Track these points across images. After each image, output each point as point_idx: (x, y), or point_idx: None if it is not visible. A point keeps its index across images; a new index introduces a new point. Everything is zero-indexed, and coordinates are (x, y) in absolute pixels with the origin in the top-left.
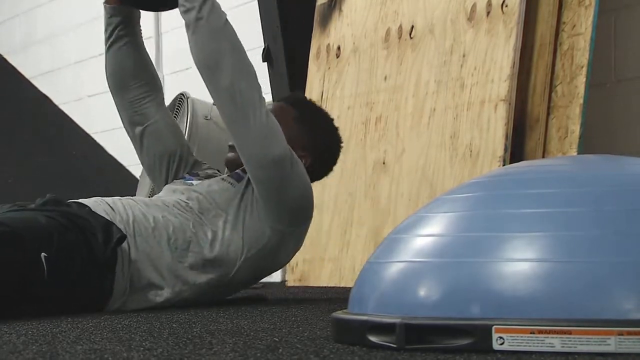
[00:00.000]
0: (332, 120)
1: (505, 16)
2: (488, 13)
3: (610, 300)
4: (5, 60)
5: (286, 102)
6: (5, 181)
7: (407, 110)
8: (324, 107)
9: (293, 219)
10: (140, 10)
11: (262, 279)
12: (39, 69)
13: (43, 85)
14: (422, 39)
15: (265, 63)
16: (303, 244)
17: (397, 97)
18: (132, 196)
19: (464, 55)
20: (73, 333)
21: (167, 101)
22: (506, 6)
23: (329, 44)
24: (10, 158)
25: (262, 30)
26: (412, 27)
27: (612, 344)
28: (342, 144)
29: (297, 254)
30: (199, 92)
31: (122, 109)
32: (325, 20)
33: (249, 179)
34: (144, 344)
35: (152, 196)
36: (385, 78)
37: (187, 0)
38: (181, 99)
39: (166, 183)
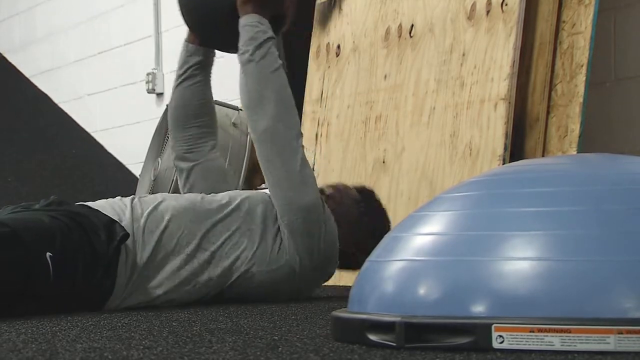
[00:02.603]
0: (389, 223)
1: (505, 15)
2: (488, 12)
3: (610, 299)
4: (4, 58)
5: (356, 187)
6: (5, 180)
7: (407, 109)
8: (323, 105)
9: (312, 267)
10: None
11: (255, 299)
12: (39, 68)
13: (42, 84)
14: (422, 37)
15: None
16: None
17: (397, 96)
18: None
19: (463, 54)
20: (73, 331)
21: (168, 100)
22: (506, 5)
23: (328, 42)
24: (10, 157)
25: None
26: (412, 26)
27: (611, 342)
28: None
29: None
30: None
31: (176, 143)
32: (325, 19)
33: None
34: (143, 342)
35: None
36: (385, 77)
37: (243, 44)
38: None
39: None
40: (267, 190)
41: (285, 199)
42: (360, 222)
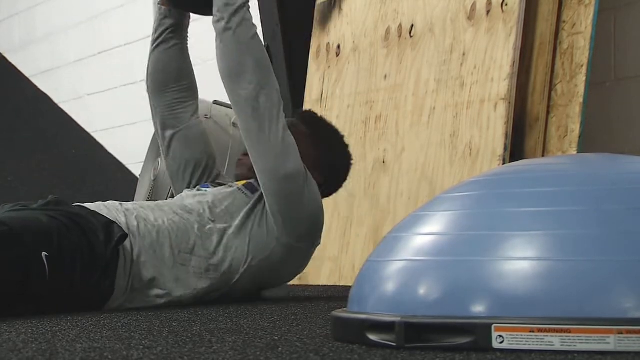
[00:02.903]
0: (343, 137)
1: (505, 15)
2: (488, 12)
3: (610, 299)
4: (4, 58)
5: (298, 119)
6: (5, 179)
7: (407, 109)
8: (323, 105)
9: (300, 235)
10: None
11: (262, 291)
12: (39, 68)
13: (42, 84)
14: (422, 37)
15: None
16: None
17: (397, 96)
18: (134, 198)
19: (463, 54)
20: (73, 331)
21: None
22: (506, 5)
23: (328, 42)
24: (10, 156)
25: (262, 29)
26: (412, 26)
27: (611, 342)
28: (352, 162)
29: None
30: (199, 90)
31: (157, 110)
32: (325, 19)
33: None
34: (143, 342)
35: (151, 196)
36: (385, 77)
37: (218, 10)
38: None
39: (188, 189)
40: (225, 177)
41: (268, 168)
42: (319, 153)
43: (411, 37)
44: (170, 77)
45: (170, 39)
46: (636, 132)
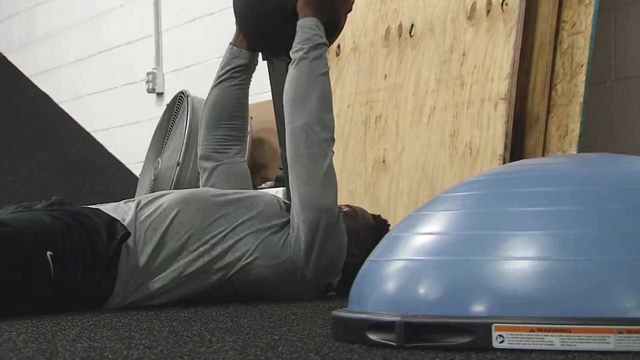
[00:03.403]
0: None
1: (505, 15)
2: (488, 12)
3: (610, 298)
4: (4, 58)
5: (373, 215)
6: (5, 179)
7: (407, 108)
8: None
9: (315, 269)
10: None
11: (256, 295)
12: (39, 67)
13: (43, 84)
14: (422, 37)
15: (265, 62)
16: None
17: (397, 96)
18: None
19: (464, 54)
20: (73, 331)
21: (168, 99)
22: (506, 5)
23: None
24: (10, 156)
25: None
26: (412, 25)
27: (611, 342)
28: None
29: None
30: (199, 90)
31: (204, 142)
32: None
33: None
34: (143, 342)
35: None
36: (385, 76)
37: (299, 42)
38: (181, 97)
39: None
40: (273, 191)
41: (306, 196)
42: (367, 242)
43: (411, 36)
44: (225, 114)
45: (236, 78)
46: (636, 132)
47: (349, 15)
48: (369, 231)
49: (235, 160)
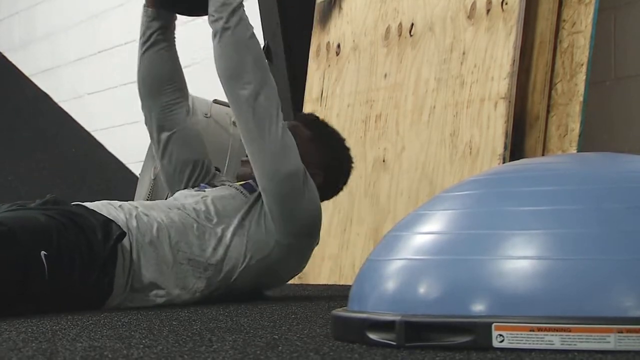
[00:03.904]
0: (343, 140)
1: (505, 14)
2: (488, 11)
3: (610, 297)
4: (4, 57)
5: (300, 122)
6: (5, 179)
7: (407, 108)
8: (323, 104)
9: (299, 235)
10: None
11: (261, 291)
12: (39, 67)
13: (43, 83)
14: (422, 36)
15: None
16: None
17: (397, 95)
18: (134, 197)
19: (463, 53)
20: (73, 330)
21: None
22: (506, 4)
23: (328, 41)
24: (10, 156)
25: (262, 28)
26: (412, 25)
27: (611, 341)
28: (353, 164)
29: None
30: (199, 90)
31: (151, 113)
32: (325, 18)
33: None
34: (143, 341)
35: (150, 195)
36: (385, 76)
37: (216, 10)
38: None
39: (186, 189)
40: (223, 179)
41: (267, 168)
42: (315, 154)
43: (411, 36)
44: (163, 80)
45: (160, 41)
46: (636, 131)
47: (350, 14)
48: (312, 145)
49: (188, 124)
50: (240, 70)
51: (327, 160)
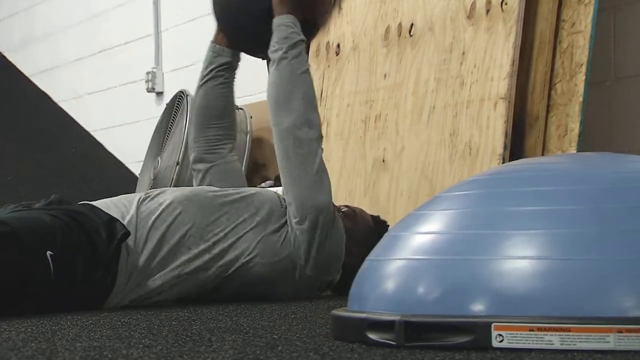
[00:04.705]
0: None
1: (504, 14)
2: (488, 11)
3: (610, 297)
4: (4, 57)
5: (372, 215)
6: (5, 179)
7: (406, 108)
8: (323, 104)
9: (314, 266)
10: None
11: (252, 294)
12: (38, 67)
13: (42, 83)
14: (422, 36)
15: (265, 61)
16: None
17: (397, 95)
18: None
19: (463, 53)
20: (72, 330)
21: (167, 99)
22: (506, 4)
23: (328, 41)
24: (10, 156)
25: None
26: (412, 25)
27: (611, 341)
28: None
29: None
30: None
31: (197, 143)
32: None
33: None
34: (143, 341)
35: None
36: (385, 76)
37: (277, 42)
38: (180, 96)
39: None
40: (273, 189)
41: (299, 197)
42: (366, 242)
43: (411, 36)
44: (213, 114)
45: (220, 77)
46: (636, 131)
47: (349, 14)
48: (368, 232)
49: (228, 159)
50: (288, 99)
51: (369, 250)
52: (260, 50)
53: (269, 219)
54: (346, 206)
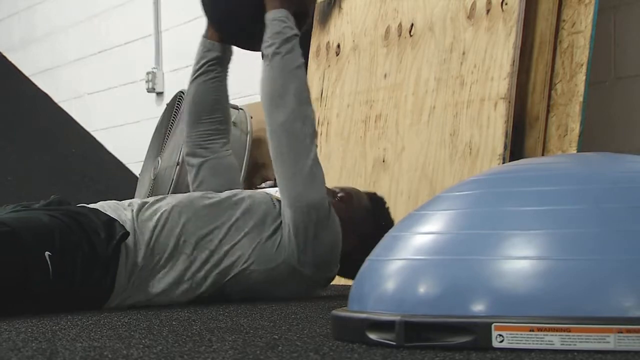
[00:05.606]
0: (392, 224)
1: (505, 14)
2: (488, 11)
3: (610, 297)
4: (4, 57)
5: (366, 195)
6: (5, 179)
7: (406, 108)
8: (323, 104)
9: (312, 265)
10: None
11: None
12: (38, 67)
13: (42, 83)
14: (422, 36)
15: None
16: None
17: (397, 95)
18: (134, 197)
19: (463, 53)
20: (73, 330)
21: (168, 99)
22: (506, 4)
23: (328, 41)
24: (10, 156)
25: None
26: (412, 25)
27: (611, 341)
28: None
29: None
30: None
31: (189, 138)
32: (325, 18)
33: None
34: (143, 341)
35: (151, 194)
36: (385, 76)
37: (270, 37)
38: (181, 96)
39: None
40: (268, 190)
41: (293, 194)
42: (365, 224)
43: (411, 36)
44: (206, 109)
45: (211, 71)
46: (636, 131)
47: (350, 14)
48: (366, 214)
49: (222, 154)
50: (281, 94)
51: (369, 232)
52: (251, 44)
53: (264, 222)
54: (341, 189)
